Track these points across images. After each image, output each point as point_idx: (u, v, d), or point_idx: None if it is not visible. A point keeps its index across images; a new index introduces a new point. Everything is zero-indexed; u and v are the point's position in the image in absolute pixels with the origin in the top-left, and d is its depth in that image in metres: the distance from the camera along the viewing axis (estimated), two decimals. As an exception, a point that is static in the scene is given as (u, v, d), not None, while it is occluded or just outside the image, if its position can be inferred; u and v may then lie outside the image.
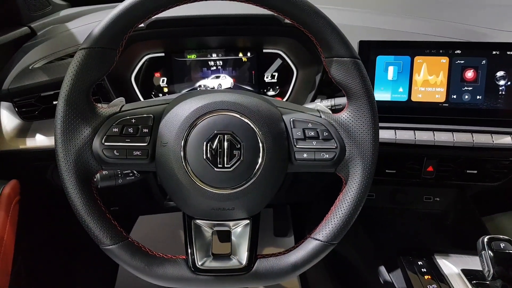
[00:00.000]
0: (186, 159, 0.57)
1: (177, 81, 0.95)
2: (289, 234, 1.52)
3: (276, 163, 0.59)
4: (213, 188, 0.57)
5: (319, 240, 0.60)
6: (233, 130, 0.57)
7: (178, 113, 0.59)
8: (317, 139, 0.60)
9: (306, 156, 0.60)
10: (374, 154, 0.60)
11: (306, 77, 0.95)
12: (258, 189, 0.58)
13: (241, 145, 0.57)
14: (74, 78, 0.55)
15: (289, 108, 0.64)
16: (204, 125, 0.57)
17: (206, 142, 0.57)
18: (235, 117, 0.58)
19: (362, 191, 0.60)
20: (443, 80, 0.84)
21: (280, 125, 0.61)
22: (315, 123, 0.61)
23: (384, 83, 0.85)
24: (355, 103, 0.61)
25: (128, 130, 0.58)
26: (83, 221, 0.56)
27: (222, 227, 0.63)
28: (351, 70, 0.59)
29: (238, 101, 0.59)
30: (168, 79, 0.95)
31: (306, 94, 0.93)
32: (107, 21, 0.55)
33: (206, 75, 0.95)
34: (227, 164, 0.57)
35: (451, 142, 0.84)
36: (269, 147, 0.58)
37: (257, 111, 0.59)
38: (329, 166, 0.61)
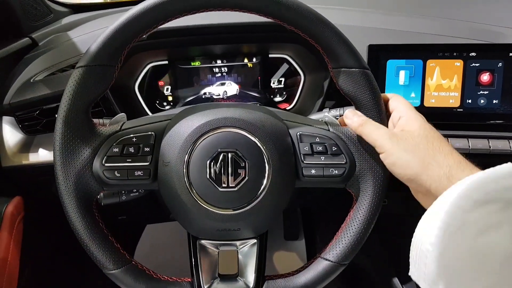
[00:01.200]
0: (189, 179, 0.55)
1: (181, 89, 0.93)
2: (300, 237, 1.50)
3: (283, 181, 0.57)
4: (218, 209, 0.55)
5: (329, 261, 0.58)
6: (237, 148, 0.55)
7: (180, 131, 0.57)
8: (326, 154, 0.58)
9: (314, 172, 0.58)
10: (385, 169, 0.58)
11: (314, 82, 0.92)
12: (264, 208, 0.56)
13: (246, 163, 0.55)
14: (72, 98, 0.53)
15: (296, 121, 0.61)
16: (207, 143, 0.55)
17: (209, 161, 0.55)
18: (239, 134, 0.56)
19: (374, 209, 0.58)
20: (457, 84, 0.81)
21: (287, 140, 0.58)
22: (323, 137, 0.59)
23: (396, 88, 0.82)
24: (365, 114, 0.58)
25: (129, 149, 0.56)
26: (85, 246, 0.55)
27: (228, 246, 0.61)
28: (360, 81, 0.56)
29: (241, 117, 0.57)
30: (172, 87, 0.93)
31: (315, 100, 0.90)
32: (104, 37, 0.53)
33: (211, 82, 0.93)
34: (231, 183, 0.55)
35: (467, 148, 0.80)
36: (275, 164, 0.56)
37: (262, 127, 0.57)
38: (339, 182, 0.59)
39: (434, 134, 0.52)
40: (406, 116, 0.55)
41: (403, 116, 0.55)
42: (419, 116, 0.55)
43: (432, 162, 0.49)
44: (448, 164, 0.48)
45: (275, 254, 1.46)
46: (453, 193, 0.42)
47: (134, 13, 0.52)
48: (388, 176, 0.58)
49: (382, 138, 0.53)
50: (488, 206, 0.39)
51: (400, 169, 0.51)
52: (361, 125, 0.56)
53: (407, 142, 0.51)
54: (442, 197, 0.43)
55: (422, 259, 0.42)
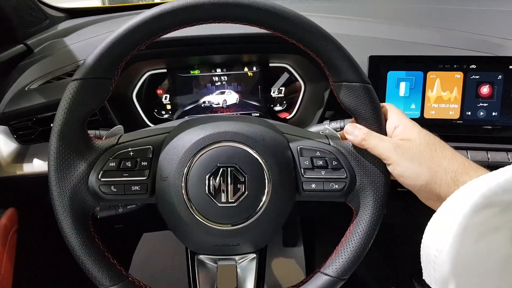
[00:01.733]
0: (188, 194, 0.54)
1: (180, 97, 0.92)
2: (299, 244, 1.49)
3: (283, 195, 0.56)
4: (217, 224, 0.54)
5: (329, 276, 0.57)
6: (237, 163, 0.54)
7: (178, 145, 0.56)
8: (326, 169, 0.58)
9: (315, 186, 0.57)
10: (386, 184, 0.57)
11: (314, 92, 0.91)
12: (264, 223, 0.55)
13: (245, 178, 0.54)
14: (67, 111, 0.52)
15: (296, 134, 0.61)
16: (206, 158, 0.54)
17: (208, 176, 0.54)
18: (239, 148, 0.55)
19: (374, 223, 0.57)
20: (457, 96, 0.80)
21: (287, 154, 0.58)
22: (324, 151, 0.58)
23: (396, 99, 0.82)
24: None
25: (126, 164, 0.55)
26: (80, 262, 0.53)
27: (227, 261, 0.60)
28: (361, 96, 0.56)
29: (241, 131, 0.56)
30: (171, 96, 0.92)
31: (315, 109, 0.90)
32: (100, 49, 0.52)
33: (211, 91, 0.92)
34: (231, 198, 0.54)
35: (466, 161, 0.80)
36: (275, 179, 0.55)
37: (262, 141, 0.56)
38: (339, 197, 0.58)
39: (434, 140, 0.54)
40: (402, 125, 0.56)
41: (398, 125, 0.56)
42: (414, 123, 0.56)
43: (438, 169, 0.50)
44: (453, 169, 0.49)
45: (274, 261, 1.45)
46: (455, 199, 0.43)
47: (132, 25, 0.51)
48: (388, 191, 0.57)
49: (387, 150, 0.54)
50: (488, 210, 0.39)
51: (409, 179, 0.52)
52: (364, 139, 0.56)
53: (412, 152, 0.52)
54: (446, 203, 0.44)
55: (431, 263, 0.43)
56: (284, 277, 1.38)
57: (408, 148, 0.53)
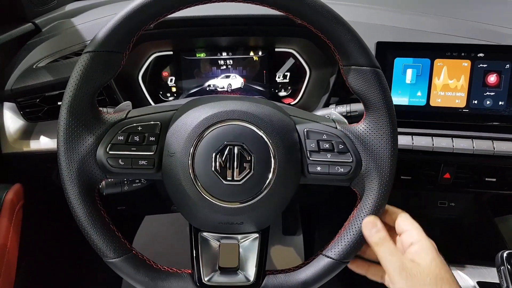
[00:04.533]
0: (194, 171, 0.54)
1: (185, 80, 0.92)
2: (298, 232, 1.50)
3: (288, 177, 0.56)
4: (222, 202, 0.55)
5: (330, 258, 0.58)
6: (244, 142, 0.55)
7: (186, 122, 0.56)
8: (332, 152, 0.58)
9: (320, 169, 0.57)
10: (391, 169, 0.57)
11: (319, 78, 0.91)
12: (268, 203, 0.56)
13: (252, 157, 0.54)
14: (78, 83, 0.52)
15: (303, 117, 0.61)
16: (214, 135, 0.55)
17: (215, 154, 0.54)
18: (247, 128, 0.55)
19: (378, 208, 0.57)
20: (464, 85, 0.80)
21: (293, 136, 0.58)
22: (330, 134, 0.58)
23: (402, 86, 0.82)
24: (373, 114, 0.57)
25: (134, 138, 0.56)
26: (86, 233, 0.54)
27: (229, 240, 0.60)
28: (370, 80, 0.55)
29: (249, 111, 0.56)
30: (176, 78, 0.92)
31: (320, 96, 0.90)
32: (113, 23, 0.52)
33: (216, 74, 0.92)
34: (236, 177, 0.54)
35: (471, 149, 0.80)
36: (281, 159, 0.55)
37: (270, 121, 0.56)
38: (344, 181, 0.59)
39: (445, 275, 0.51)
40: (419, 245, 0.54)
41: (415, 243, 0.54)
42: (432, 246, 0.54)
43: None
44: None
45: (273, 249, 1.46)
46: None
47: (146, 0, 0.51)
48: (394, 177, 0.58)
49: (393, 268, 0.53)
50: None
51: None
52: (377, 244, 0.55)
53: (415, 281, 0.51)
54: None
55: None
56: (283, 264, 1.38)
57: (414, 275, 0.51)
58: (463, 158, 0.83)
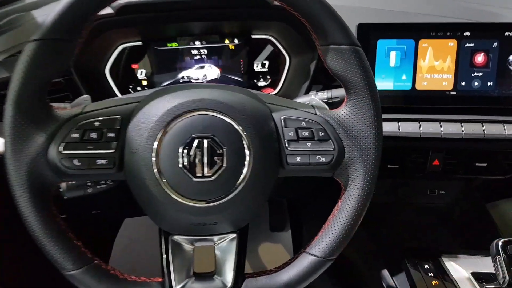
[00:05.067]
0: (159, 168, 0.49)
1: (157, 72, 0.86)
2: (286, 228, 1.46)
3: (265, 169, 0.52)
4: (192, 201, 0.50)
5: (315, 256, 0.53)
6: (214, 133, 0.50)
7: (149, 114, 0.51)
8: (312, 140, 0.53)
9: (300, 159, 0.53)
10: (377, 156, 0.53)
11: (300, 65, 0.86)
12: (244, 199, 0.51)
13: (223, 150, 0.50)
14: (23, 76, 0.46)
15: (280, 104, 0.56)
16: (180, 127, 0.50)
17: (182, 148, 0.49)
18: (216, 118, 0.50)
19: (364, 199, 0.53)
20: (451, 66, 0.76)
21: (269, 125, 0.53)
22: (310, 121, 0.54)
23: (386, 70, 0.77)
24: (355, 97, 0.53)
25: (90, 135, 0.50)
26: (40, 243, 0.49)
27: (204, 242, 0.55)
28: (350, 60, 0.51)
29: (219, 98, 0.51)
30: (147, 71, 0.86)
31: (301, 84, 0.85)
32: (61, 7, 0.46)
33: (190, 65, 0.87)
34: (207, 172, 0.49)
35: (460, 134, 0.77)
36: (256, 151, 0.50)
37: (242, 109, 0.51)
38: (326, 171, 0.54)
39: None
40: None
41: None
42: None
43: None
44: None
45: (260, 246, 1.42)
46: None
47: None
48: (379, 164, 0.53)
49: None
50: None
51: None
52: None
53: None
54: None
55: None
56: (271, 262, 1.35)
57: None
58: (452, 143, 0.80)
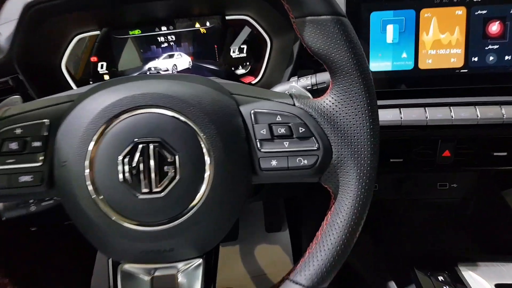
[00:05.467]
0: (95, 184, 0.39)
1: (120, 65, 0.76)
2: (283, 228, 1.35)
3: (232, 178, 0.41)
4: (138, 224, 0.40)
5: (300, 285, 0.42)
6: (162, 136, 0.39)
7: (81, 116, 0.40)
8: (290, 138, 0.43)
9: (276, 163, 0.42)
10: (373, 154, 0.42)
11: (283, 48, 0.75)
12: (207, 218, 0.40)
13: (175, 157, 0.39)
14: None
15: (249, 94, 0.45)
16: (118, 131, 0.39)
17: (122, 157, 0.39)
18: (165, 116, 0.40)
19: (359, 210, 0.42)
20: (460, 39, 0.64)
21: (236, 122, 0.42)
22: (287, 114, 0.43)
23: (382, 47, 0.66)
24: (341, 81, 0.42)
25: (10, 146, 0.40)
26: None
27: (165, 270, 0.45)
28: (332, 33, 0.40)
29: (168, 92, 0.40)
30: (108, 63, 0.76)
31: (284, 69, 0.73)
32: None
33: (156, 54, 0.76)
34: (156, 187, 0.39)
35: (474, 119, 0.65)
36: (219, 156, 0.40)
37: (198, 104, 0.40)
38: (310, 175, 0.44)
39: None
40: None
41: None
42: None
43: None
44: None
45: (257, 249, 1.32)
46: None
47: None
48: (377, 164, 0.42)
49: None
50: None
51: None
52: None
53: None
54: None
55: None
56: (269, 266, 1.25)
57: None
58: (465, 131, 0.68)
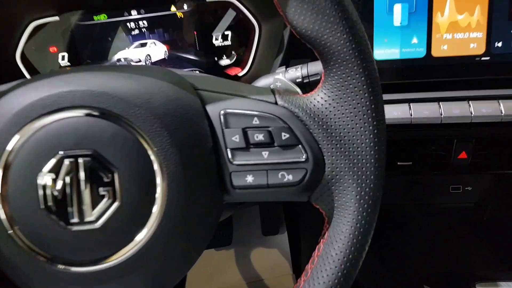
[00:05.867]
0: (8, 212, 0.30)
1: (83, 56, 0.66)
2: (281, 230, 1.27)
3: (193, 201, 0.32)
4: (68, 264, 0.30)
5: None
6: (97, 148, 0.30)
7: None
8: (271, 147, 0.34)
9: (252, 180, 0.34)
10: (377, 166, 0.33)
11: (273, 34, 0.66)
12: (160, 253, 0.32)
13: (114, 175, 0.30)
14: None
15: (219, 90, 0.36)
16: (37, 142, 0.30)
17: (44, 175, 0.30)
18: (100, 121, 0.31)
19: (360, 240, 0.34)
20: (481, 20, 0.55)
21: (200, 126, 0.33)
22: (266, 116, 0.34)
23: (389, 32, 0.56)
24: (336, 71, 0.33)
25: None
26: None
27: None
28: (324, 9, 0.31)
29: (104, 88, 0.31)
30: (70, 54, 0.66)
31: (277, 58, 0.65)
32: None
33: (127, 43, 0.66)
34: (89, 216, 0.30)
35: (498, 115, 0.56)
36: (175, 172, 0.31)
37: (146, 104, 0.31)
38: (296, 194, 0.35)
39: None
40: None
41: None
42: None
43: None
44: None
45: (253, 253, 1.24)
46: None
47: None
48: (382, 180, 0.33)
49: None
50: None
51: None
52: None
53: None
54: None
55: None
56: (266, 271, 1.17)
57: None
58: (485, 129, 0.60)
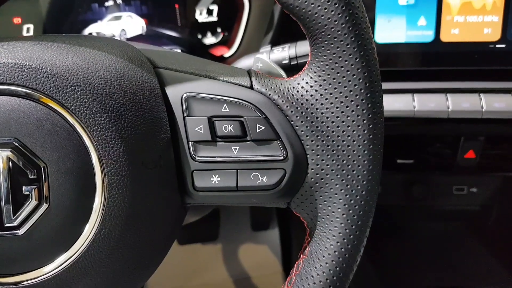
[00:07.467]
0: None
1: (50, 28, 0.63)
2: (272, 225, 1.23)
3: (143, 202, 0.27)
4: None
5: None
6: (19, 136, 0.26)
7: None
8: (242, 141, 0.29)
9: (218, 181, 0.29)
10: (371, 168, 0.29)
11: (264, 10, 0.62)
12: (100, 266, 0.28)
13: (42, 171, 0.26)
14: None
15: (183, 69, 0.31)
16: None
17: None
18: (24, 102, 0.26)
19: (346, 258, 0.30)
20: (498, 2, 0.51)
21: (155, 112, 0.28)
22: (238, 103, 0.29)
23: (393, 11, 0.53)
24: (325, 50, 0.27)
25: None
26: None
27: None
28: None
29: (32, 61, 0.27)
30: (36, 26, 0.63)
31: (263, 38, 0.60)
32: None
33: (99, 15, 0.63)
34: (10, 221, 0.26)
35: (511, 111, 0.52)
36: (118, 168, 0.27)
37: (85, 82, 0.28)
38: (272, 199, 0.30)
39: None
40: None
41: None
42: None
43: None
44: None
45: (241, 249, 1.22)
46: None
47: None
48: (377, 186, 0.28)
49: None
50: None
51: None
52: None
53: None
54: None
55: None
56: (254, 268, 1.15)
57: None
58: (496, 126, 0.56)
